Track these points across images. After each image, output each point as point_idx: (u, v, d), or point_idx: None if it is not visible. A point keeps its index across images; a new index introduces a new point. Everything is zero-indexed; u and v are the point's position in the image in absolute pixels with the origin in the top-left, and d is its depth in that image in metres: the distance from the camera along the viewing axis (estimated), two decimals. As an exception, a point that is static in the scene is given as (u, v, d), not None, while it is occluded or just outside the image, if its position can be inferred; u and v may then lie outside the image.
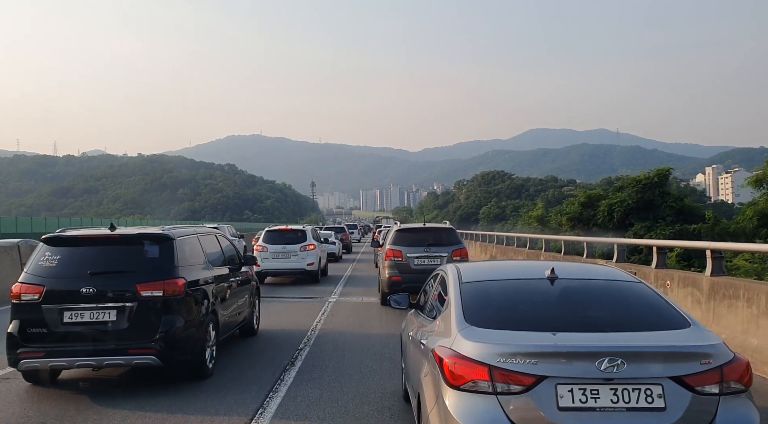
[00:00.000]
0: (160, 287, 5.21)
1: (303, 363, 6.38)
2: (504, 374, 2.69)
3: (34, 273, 5.30)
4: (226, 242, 7.28)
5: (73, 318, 5.13)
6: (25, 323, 5.17)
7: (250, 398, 5.12)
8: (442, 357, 2.90)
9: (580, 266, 4.28)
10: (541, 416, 2.62)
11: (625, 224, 25.93)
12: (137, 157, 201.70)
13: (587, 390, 2.65)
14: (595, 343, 2.78)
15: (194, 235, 6.22)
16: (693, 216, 26.05)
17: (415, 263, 10.51)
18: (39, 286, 5.19)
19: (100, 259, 5.40)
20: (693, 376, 2.67)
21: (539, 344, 2.77)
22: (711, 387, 2.68)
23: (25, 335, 5.15)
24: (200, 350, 5.59)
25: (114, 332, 5.13)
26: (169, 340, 5.19)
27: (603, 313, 3.30)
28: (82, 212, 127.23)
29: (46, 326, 5.13)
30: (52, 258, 5.35)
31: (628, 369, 2.64)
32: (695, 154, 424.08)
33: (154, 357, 5.14)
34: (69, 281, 5.21)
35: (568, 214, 29.17)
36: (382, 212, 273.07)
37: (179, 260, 5.48)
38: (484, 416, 2.67)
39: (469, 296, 3.33)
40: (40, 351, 5.13)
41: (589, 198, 29.01)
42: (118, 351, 5.12)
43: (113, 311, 5.15)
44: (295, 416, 4.62)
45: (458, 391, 2.76)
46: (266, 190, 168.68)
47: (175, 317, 5.27)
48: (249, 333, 7.88)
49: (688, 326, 3.01)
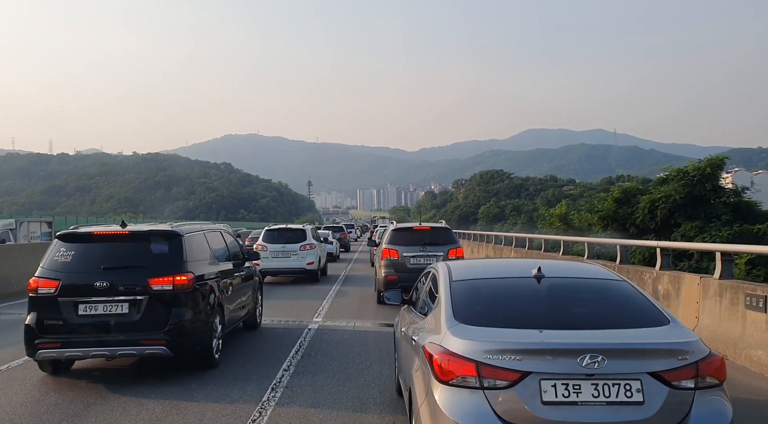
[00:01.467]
0: (170, 281, 5.54)
1: (304, 355, 6.72)
2: (491, 369, 2.83)
3: (50, 268, 5.62)
4: (230, 238, 7.61)
5: (87, 311, 5.46)
6: (42, 315, 5.49)
7: (255, 386, 5.45)
8: (432, 353, 3.04)
9: (566, 265, 4.44)
10: (526, 410, 2.76)
11: (669, 224, 21.73)
12: (132, 155, 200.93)
13: (570, 385, 2.79)
14: (577, 340, 2.93)
15: (201, 231, 6.56)
16: (752, 215, 21.72)
17: (411, 262, 10.74)
18: (55, 280, 5.51)
19: (112, 254, 5.73)
20: (670, 371, 2.82)
21: (524, 341, 2.91)
22: (687, 382, 2.83)
23: (42, 327, 5.47)
24: (208, 342, 5.93)
25: (126, 323, 5.45)
26: (178, 331, 5.52)
27: (587, 310, 3.46)
28: (75, 210, 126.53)
29: (62, 318, 5.45)
30: (66, 253, 5.68)
31: (608, 365, 2.78)
32: (692, 154, 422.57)
33: (164, 348, 5.46)
34: (83, 276, 5.53)
35: (600, 211, 24.08)
36: (380, 211, 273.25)
37: (188, 256, 5.81)
38: (472, 410, 2.81)
39: (458, 294, 3.49)
40: (57, 342, 5.45)
41: (625, 193, 24.12)
42: (130, 342, 5.45)
43: (125, 303, 5.47)
44: (298, 403, 4.95)
45: (447, 386, 2.91)
46: (262, 189, 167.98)
47: (184, 309, 5.60)
48: (252, 327, 8.23)
49: (667, 323, 3.17)
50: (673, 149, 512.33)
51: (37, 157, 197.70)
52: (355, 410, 4.75)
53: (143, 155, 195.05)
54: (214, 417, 4.63)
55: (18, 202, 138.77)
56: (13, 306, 11.06)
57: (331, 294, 12.58)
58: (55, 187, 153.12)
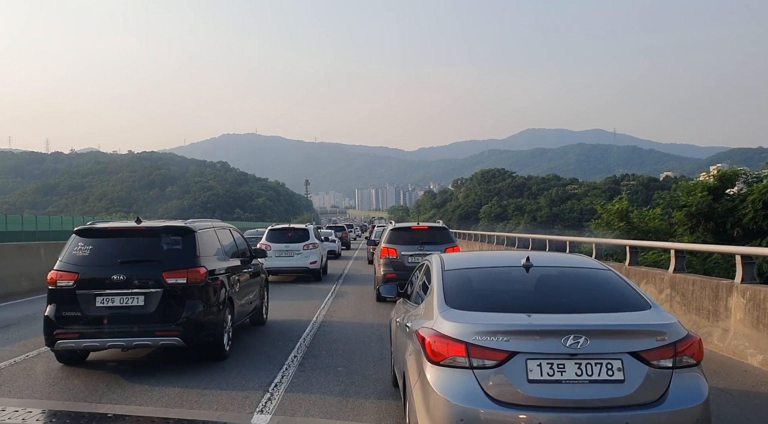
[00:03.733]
0: (184, 275, 5.87)
1: (308, 347, 7.09)
2: (479, 350, 3.01)
3: (68, 261, 5.95)
4: (239, 236, 7.95)
5: (104, 303, 5.79)
6: (61, 307, 5.82)
7: (263, 375, 5.80)
8: (424, 337, 3.25)
9: (554, 255, 4.69)
10: (513, 387, 2.94)
11: None
12: (127, 154, 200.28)
13: (554, 364, 2.97)
14: (561, 322, 3.11)
15: (212, 228, 6.90)
16: None
17: (409, 260, 11.11)
18: (73, 273, 5.84)
19: (128, 249, 6.06)
20: (649, 351, 3.01)
21: (511, 324, 3.10)
22: (665, 361, 3.02)
23: (60, 318, 5.79)
24: (219, 333, 6.27)
25: (142, 315, 5.78)
26: (191, 323, 5.85)
27: (573, 296, 3.66)
28: (67, 209, 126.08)
29: (80, 310, 5.78)
30: (84, 248, 6.00)
31: (590, 345, 2.98)
32: (692, 154, 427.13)
33: (178, 339, 5.79)
34: (101, 269, 5.86)
35: (688, 207, 18.03)
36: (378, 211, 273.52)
37: (200, 251, 6.15)
38: (462, 388, 2.99)
39: (450, 282, 3.68)
40: (75, 333, 5.78)
41: (722, 180, 18.46)
42: (145, 333, 5.77)
43: (141, 296, 5.80)
44: (303, 390, 5.29)
45: (438, 366, 3.10)
46: (258, 188, 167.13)
47: (197, 302, 5.93)
48: (258, 322, 8.57)
49: (648, 307, 3.37)
50: (673, 149, 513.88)
51: (30, 155, 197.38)
52: (357, 397, 5.09)
53: (138, 154, 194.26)
54: (226, 402, 4.97)
55: (9, 201, 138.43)
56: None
57: (332, 292, 13.00)
58: (47, 185, 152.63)
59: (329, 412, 4.69)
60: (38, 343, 6.94)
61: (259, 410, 4.72)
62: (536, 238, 17.36)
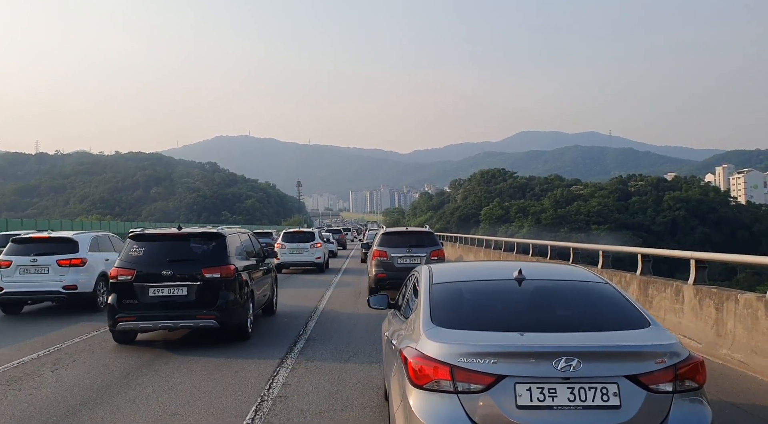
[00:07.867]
0: (218, 270, 7.69)
1: (313, 330, 9.02)
2: (465, 373, 2.86)
3: (126, 260, 7.78)
4: (255, 239, 9.85)
5: (156, 293, 7.60)
6: (121, 296, 7.64)
7: (278, 349, 7.64)
8: (408, 357, 3.11)
9: (547, 267, 4.56)
10: (501, 414, 2.79)
11: None
12: (114, 155, 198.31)
13: (545, 389, 2.81)
14: (552, 343, 2.95)
15: (236, 233, 8.83)
16: None
17: (399, 262, 12.88)
18: (131, 269, 7.65)
19: (174, 250, 7.90)
20: (647, 375, 2.84)
21: (498, 344, 2.95)
22: (665, 385, 2.84)
23: (121, 305, 7.62)
24: (244, 318, 8.12)
25: (185, 303, 7.60)
26: (224, 309, 7.67)
27: (567, 313, 3.51)
28: (47, 212, 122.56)
29: (137, 299, 7.59)
30: (138, 249, 7.83)
31: (584, 368, 2.81)
32: (688, 156, 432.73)
33: (214, 321, 7.61)
34: (153, 266, 7.68)
35: None
36: (372, 213, 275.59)
37: (230, 252, 7.98)
38: (446, 415, 2.85)
39: (438, 297, 3.55)
40: (132, 316, 7.59)
41: None
42: (188, 317, 7.60)
43: (185, 287, 7.62)
44: (309, 359, 7.08)
45: (422, 390, 2.96)
46: (247, 189, 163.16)
47: (229, 292, 7.76)
48: (269, 313, 10.48)
49: (647, 325, 3.21)
50: (669, 151, 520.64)
51: (14, 156, 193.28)
52: (354, 364, 6.90)
53: (123, 154, 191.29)
54: (250, 370, 6.58)
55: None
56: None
57: (333, 283, 16.16)
58: (27, 187, 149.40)
59: (330, 376, 6.42)
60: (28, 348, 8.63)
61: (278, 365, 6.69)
62: (537, 243, 17.12)
